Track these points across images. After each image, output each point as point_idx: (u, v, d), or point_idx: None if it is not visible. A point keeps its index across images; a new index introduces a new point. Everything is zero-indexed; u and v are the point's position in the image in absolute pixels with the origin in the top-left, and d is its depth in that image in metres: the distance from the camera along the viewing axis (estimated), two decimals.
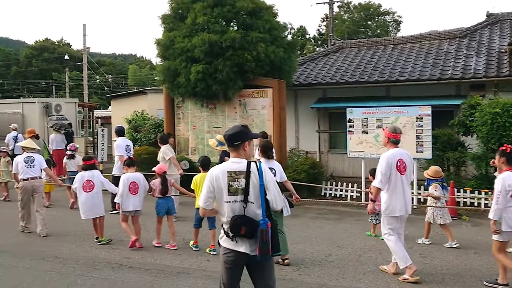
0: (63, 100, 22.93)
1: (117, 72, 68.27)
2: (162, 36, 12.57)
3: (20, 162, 8.57)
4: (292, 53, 12.49)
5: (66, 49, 69.78)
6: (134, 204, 7.48)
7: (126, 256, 7.00)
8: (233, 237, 3.70)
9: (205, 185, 3.86)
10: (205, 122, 12.64)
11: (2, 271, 6.33)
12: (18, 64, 73.61)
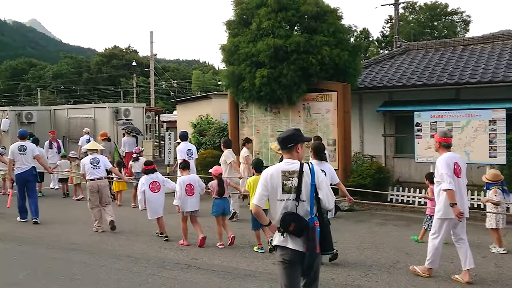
0: (131, 105, 23.82)
1: (181, 77, 70.06)
2: (227, 41, 12.78)
3: (86, 163, 9.16)
4: (357, 56, 12.35)
5: (133, 56, 72.36)
6: (191, 205, 7.84)
7: (194, 257, 7.16)
8: (283, 233, 3.88)
9: (260, 183, 4.04)
10: (269, 126, 12.72)
11: (79, 269, 6.65)
12: (89, 71, 77.12)
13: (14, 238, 8.61)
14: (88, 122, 20.81)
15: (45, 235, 8.75)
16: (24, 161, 10.04)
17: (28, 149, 10.13)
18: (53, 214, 10.82)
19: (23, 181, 10.06)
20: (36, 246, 7.98)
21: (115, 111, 20.74)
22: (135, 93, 54.23)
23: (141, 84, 60.25)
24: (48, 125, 22.33)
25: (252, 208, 4.20)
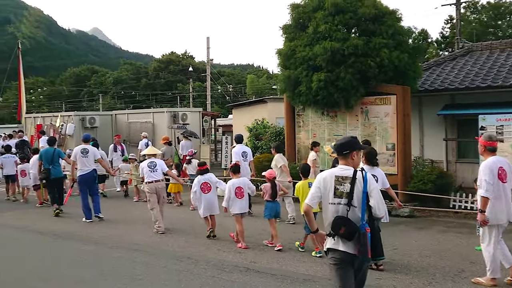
0: (188, 110, 24.29)
1: (236, 82, 70.78)
2: (283, 46, 12.78)
3: (144, 167, 9.60)
4: (417, 58, 12.05)
5: (189, 61, 73.74)
6: (240, 207, 8.09)
7: (253, 260, 7.20)
8: (334, 235, 4.04)
9: (313, 185, 4.25)
10: (326, 130, 12.61)
11: (142, 269, 6.84)
12: (147, 76, 79.32)
13: (80, 238, 8.96)
14: (147, 126, 21.38)
15: (109, 236, 9.06)
16: (86, 163, 10.61)
17: (90, 152, 10.73)
18: (115, 215, 11.21)
19: (85, 182, 10.63)
20: (100, 246, 8.28)
21: (173, 116, 21.19)
22: (191, 97, 55.25)
23: (197, 89, 61.34)
24: (110, 129, 23.12)
25: (303, 208, 4.32)
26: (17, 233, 9.56)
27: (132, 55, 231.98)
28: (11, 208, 12.51)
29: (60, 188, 11.82)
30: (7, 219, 10.99)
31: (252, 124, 17.04)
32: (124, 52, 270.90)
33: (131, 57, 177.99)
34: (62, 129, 22.43)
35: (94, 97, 77.81)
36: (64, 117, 23.28)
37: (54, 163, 11.48)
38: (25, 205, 13.11)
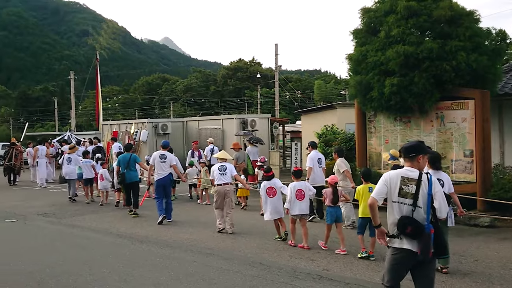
0: (257, 116, 24.48)
1: (303, 88, 70.64)
2: (354, 50, 12.62)
3: (215, 170, 10.10)
4: (497, 61, 11.48)
5: (257, 68, 74.45)
6: (300, 209, 8.48)
7: (325, 268, 7.13)
8: (399, 234, 4.34)
9: (380, 181, 4.56)
10: (399, 136, 12.29)
11: (217, 274, 6.95)
12: (216, 84, 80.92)
13: (155, 241, 9.25)
14: (217, 133, 21.81)
15: (183, 240, 9.30)
16: (163, 168, 11.25)
17: (168, 158, 11.38)
18: (187, 218, 11.63)
19: (162, 186, 11.20)
20: (175, 250, 8.50)
21: (242, 122, 21.48)
22: (259, 104, 55.71)
23: (264, 95, 61.76)
24: (181, 136, 23.81)
25: (369, 200, 4.59)
26: (98, 235, 10.00)
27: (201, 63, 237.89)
28: (92, 211, 13.11)
29: (136, 191, 12.29)
30: (88, 221, 11.53)
31: (321, 130, 16.92)
32: (193, 60, 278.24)
33: (200, 65, 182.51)
34: (136, 135, 23.34)
35: (165, 104, 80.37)
36: (138, 124, 24.19)
37: (130, 167, 12.14)
38: (105, 208, 13.71)
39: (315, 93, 68.54)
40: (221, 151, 11.59)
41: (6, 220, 11.87)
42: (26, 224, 11.44)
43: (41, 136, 36.94)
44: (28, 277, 6.95)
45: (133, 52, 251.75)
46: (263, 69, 76.02)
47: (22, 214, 12.73)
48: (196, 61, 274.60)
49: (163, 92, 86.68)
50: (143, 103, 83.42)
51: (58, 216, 12.29)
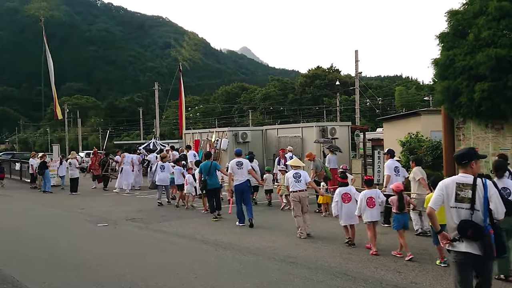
0: (337, 124, 24.22)
1: (384, 94, 69.00)
2: (440, 55, 12.13)
3: (290, 177, 10.52)
4: None
5: (335, 75, 73.81)
6: (371, 215, 8.72)
7: (413, 281, 6.89)
8: (460, 238, 4.57)
9: (437, 190, 4.85)
10: (490, 144, 11.64)
11: (301, 283, 6.91)
12: (294, 91, 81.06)
13: (239, 248, 9.37)
14: (296, 141, 21.80)
15: (266, 247, 9.34)
16: (241, 174, 11.94)
17: (244, 164, 12.08)
18: (268, 224, 11.79)
19: (240, 191, 11.91)
20: (259, 257, 8.56)
21: (321, 130, 21.33)
22: (339, 111, 55.10)
23: (343, 103, 61.02)
24: (261, 144, 24.03)
25: (427, 210, 4.91)
26: (183, 241, 10.31)
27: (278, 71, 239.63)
28: (177, 217, 13.53)
29: (217, 196, 13.10)
30: (173, 227, 11.91)
31: (405, 138, 16.37)
32: (271, 69, 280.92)
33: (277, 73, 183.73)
34: (217, 144, 23.86)
35: (244, 113, 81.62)
36: (219, 133, 24.73)
37: (211, 174, 12.82)
38: (189, 214, 14.13)
39: (396, 100, 66.80)
40: (294, 159, 11.94)
41: (98, 224, 12.54)
42: (116, 229, 12.02)
43: (127, 145, 38.90)
44: (120, 279, 7.28)
45: (213, 62, 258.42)
46: (342, 76, 75.20)
47: (112, 219, 13.39)
48: (274, 69, 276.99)
49: (242, 101, 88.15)
50: (222, 112, 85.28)
51: (145, 222, 12.81)
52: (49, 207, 17.03)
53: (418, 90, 70.80)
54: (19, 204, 18.62)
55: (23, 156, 36.53)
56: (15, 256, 9.19)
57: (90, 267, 8.06)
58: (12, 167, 30.01)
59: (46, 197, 20.43)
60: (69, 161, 22.24)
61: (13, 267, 8.22)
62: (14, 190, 23.37)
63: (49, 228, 12.63)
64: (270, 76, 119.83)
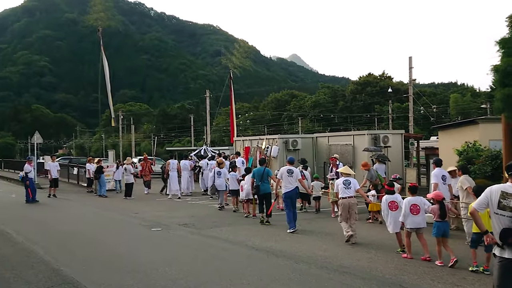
0: (389, 132, 23.79)
1: (438, 102, 67.20)
2: (501, 61, 11.69)
3: (339, 184, 10.79)
4: None
5: (387, 82, 72.58)
6: (415, 222, 8.85)
7: None
8: (502, 245, 4.67)
9: (483, 194, 4.97)
10: None
11: None
12: (344, 99, 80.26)
13: (290, 256, 9.33)
14: (348, 149, 21.53)
15: (317, 256, 9.25)
16: (291, 182, 12.25)
17: (295, 172, 12.38)
18: (319, 232, 11.68)
19: (289, 198, 12.24)
20: (311, 266, 8.49)
21: (373, 138, 21.00)
22: (391, 119, 54.08)
23: (396, 110, 59.84)
24: (311, 152, 23.89)
25: (469, 209, 5.18)
26: (235, 247, 10.36)
27: (328, 78, 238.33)
28: (228, 223, 13.64)
29: (268, 201, 13.44)
30: (225, 233, 12.01)
31: (462, 147, 15.88)
32: (320, 76, 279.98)
33: (327, 80, 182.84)
34: (267, 151, 23.90)
35: (294, 120, 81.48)
36: (269, 140, 24.76)
37: (263, 180, 13.38)
38: (240, 221, 14.27)
39: (451, 107, 64.91)
40: (344, 166, 12.21)
41: (152, 229, 12.81)
42: (170, 234, 12.24)
43: (178, 151, 39.62)
44: (175, 284, 7.40)
45: (262, 70, 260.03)
46: (394, 83, 73.81)
47: (166, 223, 13.65)
48: (324, 76, 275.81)
49: (291, 108, 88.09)
50: (272, 119, 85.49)
51: (197, 227, 12.98)
52: (105, 211, 17.57)
53: (474, 98, 68.60)
54: (77, 207, 19.31)
55: (80, 161, 37.98)
56: (74, 258, 9.53)
57: (145, 271, 8.24)
58: (70, 171, 31.19)
59: (102, 201, 21.10)
60: (124, 166, 22.86)
61: (73, 267, 8.51)
62: (72, 194, 24.25)
63: (105, 231, 13.03)
64: (320, 83, 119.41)
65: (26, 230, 12.95)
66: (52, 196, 22.23)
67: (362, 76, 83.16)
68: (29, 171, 20.38)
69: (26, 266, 8.66)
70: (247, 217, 14.65)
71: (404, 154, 22.70)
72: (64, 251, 10.29)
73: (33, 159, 23.42)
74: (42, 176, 29.96)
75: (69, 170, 31.34)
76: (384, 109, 63.49)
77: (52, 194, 22.37)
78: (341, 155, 20.32)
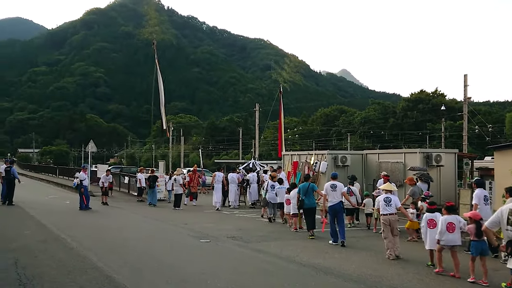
0: (442, 151, 23.20)
1: (493, 121, 64.90)
2: None
3: (381, 201, 11.21)
4: None
5: (440, 99, 70.92)
6: (449, 240, 9.09)
7: None
8: (508, 255, 5.44)
9: (495, 213, 5.52)
10: None
11: None
12: (395, 116, 78.78)
13: (339, 274, 9.19)
14: (398, 167, 21.10)
15: (367, 275, 9.07)
16: (335, 196, 12.79)
17: (338, 187, 12.88)
18: (370, 250, 11.54)
19: (334, 211, 12.75)
20: (360, 285, 8.33)
21: (425, 156, 20.52)
22: (443, 138, 52.66)
23: (448, 129, 58.23)
24: (360, 168, 23.52)
25: (483, 227, 5.86)
26: (282, 262, 10.32)
27: (378, 94, 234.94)
28: (275, 238, 13.62)
29: (313, 215, 13.87)
30: (272, 248, 12.00)
31: None
32: (371, 92, 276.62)
33: (378, 96, 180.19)
34: (315, 166, 23.75)
35: (342, 136, 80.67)
36: (318, 155, 24.60)
37: (308, 195, 13.82)
38: (289, 234, 14.30)
39: (507, 127, 62.58)
40: (386, 183, 12.51)
41: (201, 240, 12.96)
42: (218, 245, 12.34)
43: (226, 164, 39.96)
44: None
45: (312, 85, 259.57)
46: (447, 101, 71.96)
47: (214, 235, 13.77)
48: (374, 92, 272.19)
49: (340, 124, 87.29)
50: (320, 134, 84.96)
51: (245, 240, 13.03)
52: (155, 220, 17.92)
53: None
54: (127, 216, 19.81)
55: (130, 171, 39.00)
56: (125, 265, 9.75)
57: (194, 281, 8.34)
58: (121, 180, 32.05)
59: (152, 210, 21.53)
60: (174, 177, 23.29)
61: (124, 275, 8.72)
62: (123, 203, 24.88)
63: (155, 240, 13.28)
64: (370, 99, 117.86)
65: (80, 236, 13.37)
66: (104, 204, 22.89)
67: (414, 92, 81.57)
68: (83, 179, 21.09)
69: (81, 271, 8.93)
70: (296, 232, 14.66)
71: (457, 174, 22.03)
72: (116, 258, 10.55)
73: (87, 167, 24.21)
74: (94, 184, 30.91)
75: (120, 179, 32.20)
76: (437, 127, 61.90)
77: (105, 202, 23.05)
78: (391, 173, 19.92)
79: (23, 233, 13.58)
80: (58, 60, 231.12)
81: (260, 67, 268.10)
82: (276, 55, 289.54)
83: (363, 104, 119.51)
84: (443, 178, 19.30)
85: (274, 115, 41.66)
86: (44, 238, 12.81)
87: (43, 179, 49.22)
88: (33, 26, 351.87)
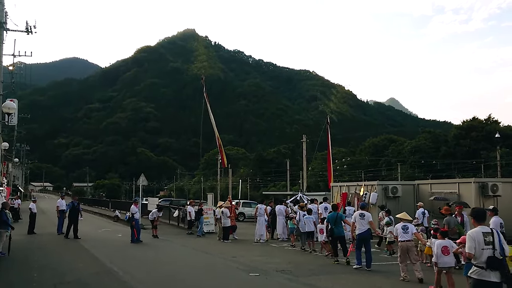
0: (499, 180, 22.32)
1: None
2: None
3: (399, 228, 12.24)
4: None
5: (494, 127, 68.59)
6: (444, 262, 10.18)
7: None
8: (487, 268, 6.46)
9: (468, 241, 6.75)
10: None
11: None
12: (447, 144, 76.61)
13: None
14: (452, 197, 20.39)
15: None
16: (363, 224, 13.80)
17: (366, 216, 13.86)
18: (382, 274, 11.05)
19: (362, 238, 13.77)
20: None
21: (481, 186, 19.82)
22: (499, 166, 50.66)
23: (505, 157, 56.01)
24: (412, 199, 22.87)
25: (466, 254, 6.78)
26: None
27: (429, 123, 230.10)
28: (327, 271, 13.33)
29: (343, 243, 15.18)
30: (323, 282, 11.72)
31: None
32: (420, 120, 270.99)
33: (428, 125, 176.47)
34: (365, 197, 23.31)
35: (392, 166, 78.94)
36: (368, 186, 24.16)
37: (337, 224, 14.97)
38: (340, 268, 13.87)
39: None
40: (402, 212, 13.17)
41: (250, 274, 12.83)
42: (268, 280, 12.15)
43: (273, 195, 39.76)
44: None
45: (359, 115, 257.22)
46: (502, 127, 69.42)
47: (263, 269, 13.61)
48: (424, 121, 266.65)
49: (389, 154, 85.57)
50: (369, 164, 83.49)
51: (295, 274, 12.79)
52: (204, 253, 17.93)
53: None
54: (177, 248, 19.92)
55: (180, 203, 39.44)
56: None
57: None
58: (171, 213, 32.40)
59: (201, 243, 21.56)
60: (221, 209, 23.37)
61: None
62: (172, 235, 25.08)
63: (205, 273, 13.22)
64: (420, 128, 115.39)
65: (131, 269, 13.54)
66: (154, 236, 23.18)
67: (466, 120, 79.11)
68: (135, 212, 21.50)
69: None
70: (346, 265, 14.31)
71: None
72: None
73: (139, 200, 24.68)
74: (145, 216, 31.40)
75: (170, 212, 32.54)
76: (491, 155, 59.68)
77: (155, 235, 23.33)
78: (447, 203, 19.26)
79: (78, 266, 13.90)
80: (111, 97, 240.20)
81: (306, 98, 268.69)
82: (322, 85, 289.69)
83: (413, 133, 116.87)
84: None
85: (321, 146, 41.32)
86: (97, 271, 13.06)
87: (96, 212, 50.48)
88: (88, 65, 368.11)
